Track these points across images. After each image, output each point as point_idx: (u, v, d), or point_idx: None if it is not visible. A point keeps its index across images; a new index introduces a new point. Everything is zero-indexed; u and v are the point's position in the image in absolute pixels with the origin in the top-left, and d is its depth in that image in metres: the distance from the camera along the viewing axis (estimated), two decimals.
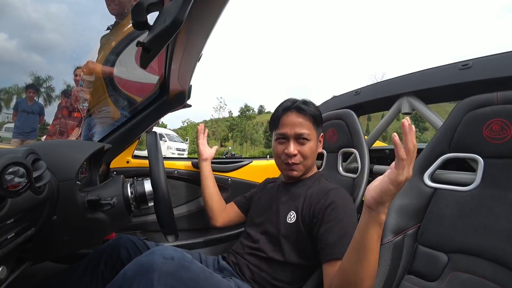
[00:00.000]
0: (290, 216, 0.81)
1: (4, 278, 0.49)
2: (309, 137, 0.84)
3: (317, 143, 0.88)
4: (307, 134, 0.83)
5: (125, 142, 1.15)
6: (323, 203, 0.76)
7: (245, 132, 40.92)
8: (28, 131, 3.85)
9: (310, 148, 0.84)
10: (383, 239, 0.76)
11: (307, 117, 0.84)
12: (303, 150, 0.84)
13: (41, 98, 43.19)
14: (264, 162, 1.43)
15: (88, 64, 1.46)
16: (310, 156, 0.85)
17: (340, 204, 0.75)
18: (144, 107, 1.11)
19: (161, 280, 0.52)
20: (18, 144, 3.80)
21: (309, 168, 0.89)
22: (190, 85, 1.04)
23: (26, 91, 4.18)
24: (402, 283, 0.72)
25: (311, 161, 0.87)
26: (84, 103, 1.67)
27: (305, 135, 0.83)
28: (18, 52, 72.15)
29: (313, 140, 0.85)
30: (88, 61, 1.47)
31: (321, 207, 0.75)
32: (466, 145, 0.74)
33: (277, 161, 0.90)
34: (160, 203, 0.66)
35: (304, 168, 0.86)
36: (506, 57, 0.81)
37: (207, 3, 0.53)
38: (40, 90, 35.52)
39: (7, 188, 0.39)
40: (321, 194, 0.78)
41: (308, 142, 0.84)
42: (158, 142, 0.73)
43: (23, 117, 3.87)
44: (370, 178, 1.14)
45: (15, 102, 4.48)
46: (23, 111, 3.89)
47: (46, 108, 4.24)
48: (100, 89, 1.45)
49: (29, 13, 76.64)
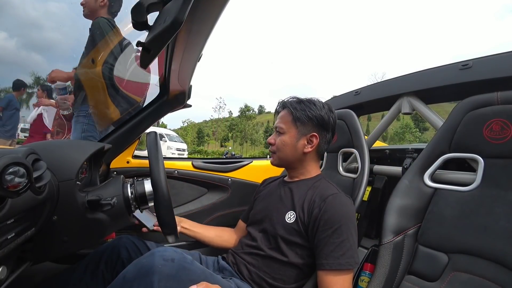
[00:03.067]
0: (289, 216, 0.81)
1: (4, 278, 0.49)
2: (283, 131, 0.89)
3: (294, 139, 0.88)
4: (281, 128, 0.89)
5: (125, 142, 1.15)
6: (319, 210, 0.75)
7: (245, 132, 40.93)
8: (8, 129, 3.64)
9: (281, 141, 0.89)
10: (383, 239, 0.76)
11: (287, 112, 0.90)
12: (276, 141, 0.90)
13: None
14: (264, 162, 1.42)
15: (50, 74, 1.55)
16: (282, 149, 0.89)
17: (337, 212, 0.74)
18: (144, 107, 1.11)
19: (161, 283, 0.52)
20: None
21: (286, 161, 0.91)
22: (190, 85, 1.04)
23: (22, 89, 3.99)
24: (403, 283, 0.72)
25: (283, 153, 0.89)
26: (65, 111, 1.72)
27: (279, 128, 0.90)
28: (18, 51, 72.20)
29: (288, 134, 0.88)
30: (52, 70, 1.56)
31: (317, 214, 0.75)
32: (466, 145, 0.74)
33: None
34: (160, 203, 0.66)
35: (278, 159, 0.91)
36: (506, 57, 0.81)
37: (207, 3, 0.53)
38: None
39: (7, 188, 0.39)
40: (319, 199, 0.78)
41: (281, 135, 0.89)
42: (158, 142, 0.73)
43: (5, 114, 3.64)
44: (370, 178, 1.15)
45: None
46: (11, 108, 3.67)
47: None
48: (78, 92, 1.50)
49: (28, 11, 76.65)
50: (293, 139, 0.88)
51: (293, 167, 0.92)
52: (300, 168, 0.91)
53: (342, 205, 0.76)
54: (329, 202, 0.76)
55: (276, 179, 1.03)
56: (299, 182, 0.89)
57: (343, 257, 0.70)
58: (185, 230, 1.00)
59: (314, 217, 0.76)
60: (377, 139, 1.31)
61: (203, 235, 1.02)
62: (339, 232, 0.72)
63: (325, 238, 0.72)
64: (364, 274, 0.89)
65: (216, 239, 1.02)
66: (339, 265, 0.69)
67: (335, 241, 0.71)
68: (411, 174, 0.83)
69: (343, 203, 0.77)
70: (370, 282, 0.73)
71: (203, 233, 1.02)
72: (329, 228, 0.72)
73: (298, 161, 0.90)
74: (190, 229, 1.01)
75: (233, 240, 1.02)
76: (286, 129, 0.89)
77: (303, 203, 0.80)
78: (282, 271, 0.78)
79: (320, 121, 0.87)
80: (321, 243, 0.73)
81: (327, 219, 0.73)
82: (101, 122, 1.52)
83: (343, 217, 0.74)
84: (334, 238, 0.71)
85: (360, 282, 0.89)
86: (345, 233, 0.72)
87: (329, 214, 0.74)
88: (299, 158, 0.89)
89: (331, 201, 0.76)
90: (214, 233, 1.04)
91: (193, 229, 1.01)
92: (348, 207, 0.77)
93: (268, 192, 0.97)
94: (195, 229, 1.02)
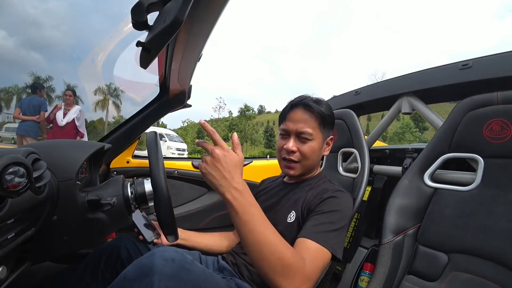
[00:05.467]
0: (290, 215, 0.80)
1: (4, 278, 0.49)
2: (312, 137, 0.80)
3: (321, 144, 0.83)
4: (309, 133, 0.80)
5: (125, 142, 1.15)
6: (319, 198, 0.76)
7: (245, 132, 40.94)
8: (29, 128, 3.82)
9: (311, 148, 0.80)
10: (383, 239, 0.76)
11: (313, 115, 0.80)
12: (303, 149, 0.80)
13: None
14: (264, 162, 1.43)
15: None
16: (310, 157, 0.82)
17: (334, 201, 0.74)
18: (144, 107, 1.11)
19: (161, 282, 0.52)
20: (20, 141, 3.83)
21: (309, 169, 0.86)
22: (190, 85, 1.04)
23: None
24: (402, 283, 0.72)
25: (311, 162, 0.83)
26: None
27: (306, 134, 0.80)
28: (17, 51, 72.10)
29: (316, 140, 0.81)
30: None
31: (316, 201, 0.76)
32: (466, 145, 0.74)
33: (277, 156, 0.89)
34: (160, 203, 0.66)
35: (302, 168, 0.84)
36: (506, 57, 0.81)
37: (207, 3, 0.53)
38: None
39: (7, 188, 0.39)
40: (320, 194, 0.78)
41: (309, 142, 0.80)
42: (158, 142, 0.73)
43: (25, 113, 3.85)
44: (370, 178, 1.15)
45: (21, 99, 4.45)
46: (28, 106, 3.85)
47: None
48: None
49: (27, 9, 76.46)
50: (320, 145, 0.82)
51: (307, 172, 0.88)
52: (309, 171, 0.88)
53: (341, 198, 0.77)
54: (329, 194, 0.76)
55: (276, 179, 1.02)
56: (301, 183, 0.89)
57: (322, 234, 0.66)
58: (183, 241, 0.95)
59: (313, 204, 0.76)
60: (377, 139, 1.31)
61: (203, 243, 0.98)
62: (329, 215, 0.71)
63: (313, 215, 0.72)
64: (364, 274, 0.89)
65: (215, 247, 0.99)
66: (314, 235, 0.65)
67: (323, 220, 0.69)
68: (411, 174, 0.83)
69: (342, 197, 0.77)
70: (370, 282, 0.73)
71: (202, 241, 0.98)
72: (321, 211, 0.72)
73: (316, 166, 0.88)
74: (188, 239, 0.96)
75: (234, 243, 1.00)
76: (315, 135, 0.81)
77: (303, 202, 0.80)
78: None
79: (331, 122, 0.86)
80: (308, 220, 0.71)
81: (323, 203, 0.74)
82: None
83: (339, 206, 0.74)
84: (322, 217, 0.70)
85: (360, 282, 0.89)
86: (335, 217, 0.70)
87: (326, 201, 0.74)
88: (318, 163, 0.87)
89: (331, 194, 0.76)
90: (214, 240, 1.00)
91: (191, 239, 0.97)
92: (347, 203, 0.77)
93: (269, 192, 0.96)
94: (194, 238, 0.97)
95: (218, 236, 1.03)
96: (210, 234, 1.03)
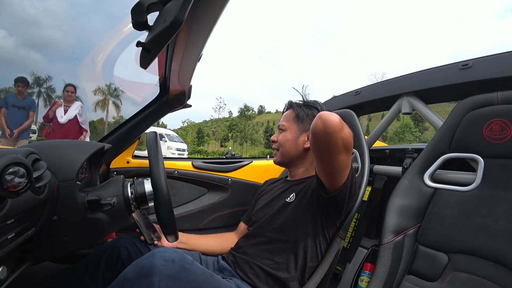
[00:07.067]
0: (290, 196, 0.87)
1: (4, 278, 0.49)
2: (285, 127, 0.94)
3: (295, 135, 0.93)
4: (283, 125, 0.95)
5: (125, 142, 1.15)
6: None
7: (245, 132, 41.00)
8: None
9: (284, 137, 0.94)
10: (383, 239, 0.76)
11: (291, 111, 0.96)
12: (279, 138, 0.95)
13: (41, 98, 43.08)
14: (264, 162, 1.42)
15: None
16: (284, 145, 0.93)
17: None
18: (144, 107, 1.11)
19: (161, 283, 0.52)
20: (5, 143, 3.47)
21: (287, 157, 0.94)
22: (190, 85, 1.04)
23: (15, 85, 3.69)
24: (403, 283, 0.72)
25: (286, 149, 0.93)
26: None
27: (281, 125, 0.96)
28: (16, 50, 72.08)
29: (289, 131, 0.94)
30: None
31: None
32: (466, 145, 0.74)
33: None
34: (160, 203, 0.66)
35: (281, 156, 0.95)
36: (506, 57, 0.81)
37: (207, 3, 0.53)
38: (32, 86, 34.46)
39: (7, 188, 0.39)
40: None
41: (283, 132, 0.94)
42: (158, 142, 0.73)
43: (11, 113, 3.52)
44: (370, 178, 1.15)
45: (3, 97, 4.06)
46: (13, 106, 3.53)
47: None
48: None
49: (26, 9, 76.41)
50: (293, 135, 0.93)
51: (295, 165, 0.95)
52: (301, 165, 0.94)
53: None
54: None
55: (279, 180, 1.03)
56: (302, 180, 0.90)
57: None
58: (183, 245, 0.94)
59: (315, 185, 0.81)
60: (377, 139, 1.31)
61: (203, 246, 0.97)
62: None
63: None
64: (364, 274, 0.89)
65: (216, 248, 0.98)
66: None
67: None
68: (411, 174, 0.83)
69: None
70: (370, 282, 0.73)
71: (202, 244, 0.97)
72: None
73: (299, 157, 0.93)
74: (188, 242, 0.95)
75: (234, 243, 0.99)
76: (288, 126, 0.94)
77: (303, 187, 0.87)
78: (285, 255, 0.79)
79: (311, 116, 0.91)
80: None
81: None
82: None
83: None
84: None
85: (360, 282, 0.89)
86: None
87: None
88: (300, 154, 0.93)
89: None
90: (214, 242, 1.00)
91: (191, 242, 0.96)
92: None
93: (271, 192, 0.98)
94: (193, 241, 0.96)
95: (218, 237, 1.03)
96: (210, 236, 1.03)
